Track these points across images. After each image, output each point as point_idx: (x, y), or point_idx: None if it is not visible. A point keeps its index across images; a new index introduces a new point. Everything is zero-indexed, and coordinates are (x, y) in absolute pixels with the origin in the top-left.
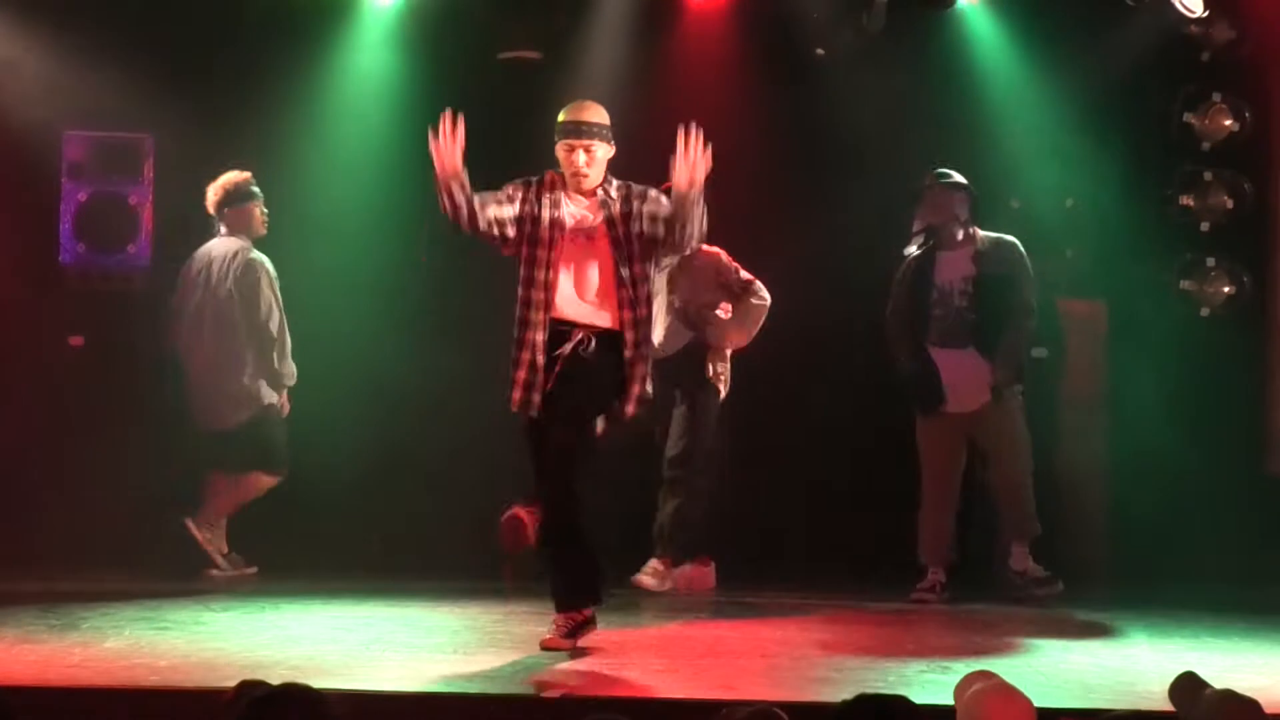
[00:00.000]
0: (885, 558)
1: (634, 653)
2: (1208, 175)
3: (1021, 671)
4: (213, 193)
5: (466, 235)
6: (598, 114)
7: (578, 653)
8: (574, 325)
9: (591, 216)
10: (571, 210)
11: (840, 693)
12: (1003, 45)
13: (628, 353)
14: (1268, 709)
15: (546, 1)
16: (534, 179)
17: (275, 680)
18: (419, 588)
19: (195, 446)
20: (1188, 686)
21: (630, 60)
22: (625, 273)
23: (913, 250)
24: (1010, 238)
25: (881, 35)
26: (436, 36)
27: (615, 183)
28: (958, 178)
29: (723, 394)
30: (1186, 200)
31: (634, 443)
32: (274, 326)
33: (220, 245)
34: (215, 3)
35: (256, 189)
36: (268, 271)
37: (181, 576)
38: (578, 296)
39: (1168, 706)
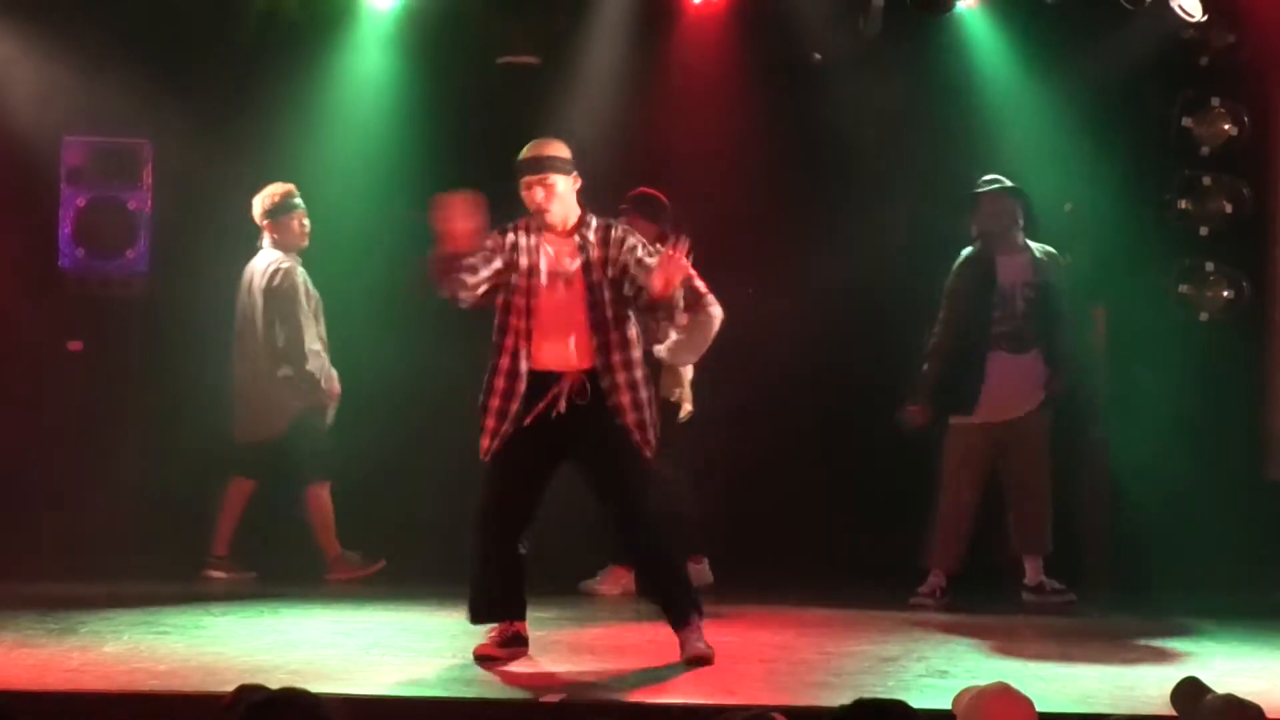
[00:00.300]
0: (885, 563)
1: (633, 657)
2: (1206, 180)
3: (1021, 676)
4: (257, 204)
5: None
6: (554, 148)
7: (577, 657)
8: (558, 374)
9: (569, 261)
10: (549, 253)
11: (839, 697)
12: (1001, 49)
13: (623, 397)
14: (1269, 713)
15: (545, 6)
16: (509, 226)
17: (274, 685)
18: (418, 592)
19: (231, 456)
20: (1189, 692)
21: (629, 64)
22: (607, 315)
23: (968, 252)
24: (1052, 248)
25: (879, 39)
26: (435, 41)
27: (594, 223)
28: (1010, 183)
29: (684, 413)
30: (1185, 205)
31: None
32: (291, 337)
33: (259, 259)
34: (214, 7)
35: (297, 201)
36: (295, 282)
37: (180, 580)
38: (559, 343)
39: (1168, 711)
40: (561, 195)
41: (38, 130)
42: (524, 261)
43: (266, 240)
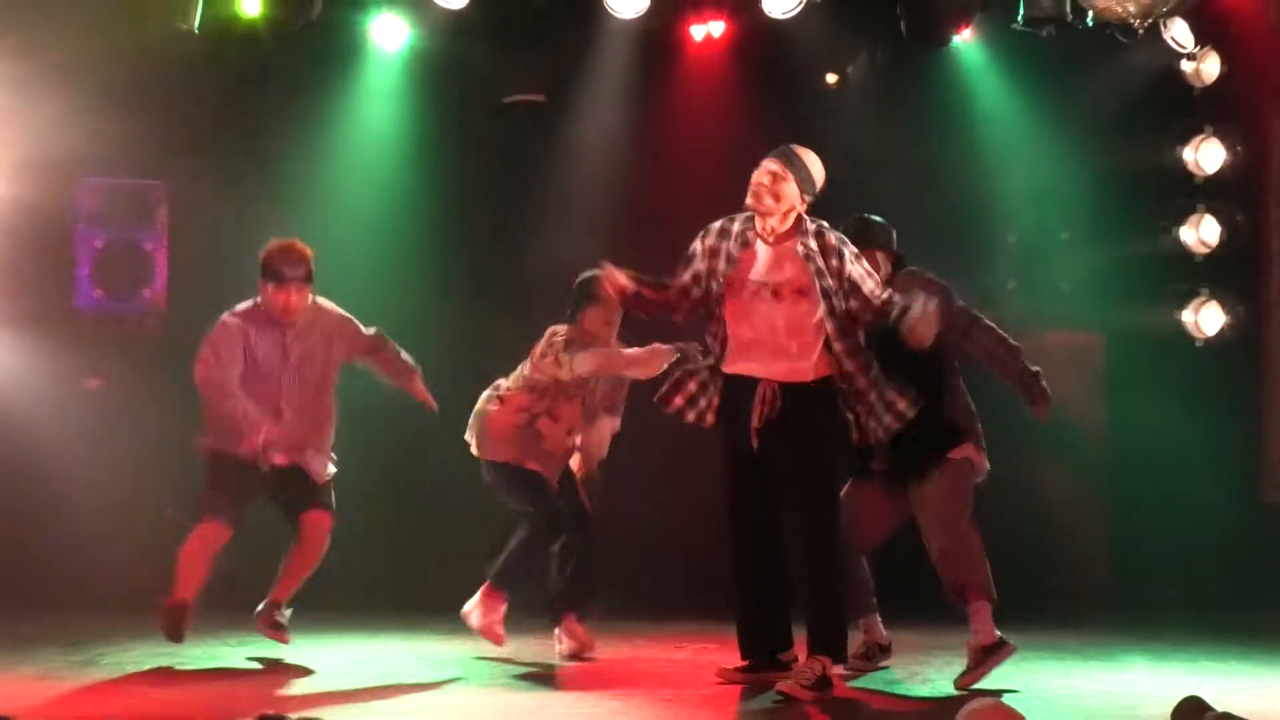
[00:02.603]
0: (893, 587)
1: (644, 684)
2: (1201, 207)
3: (1023, 696)
4: None
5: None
6: (804, 154)
7: (586, 681)
8: (758, 379)
9: (788, 268)
10: (764, 260)
11: (840, 718)
12: (997, 81)
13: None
14: None
15: (550, 45)
16: (718, 224)
17: (292, 714)
18: (430, 622)
19: None
20: (1190, 710)
21: (633, 100)
22: (832, 325)
23: None
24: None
25: (883, 71)
26: (443, 81)
27: (812, 230)
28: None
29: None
30: (1180, 232)
31: None
32: None
33: None
34: (226, 51)
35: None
36: None
37: (197, 611)
38: (762, 350)
39: None
40: (782, 192)
41: (53, 174)
42: (722, 266)
43: None
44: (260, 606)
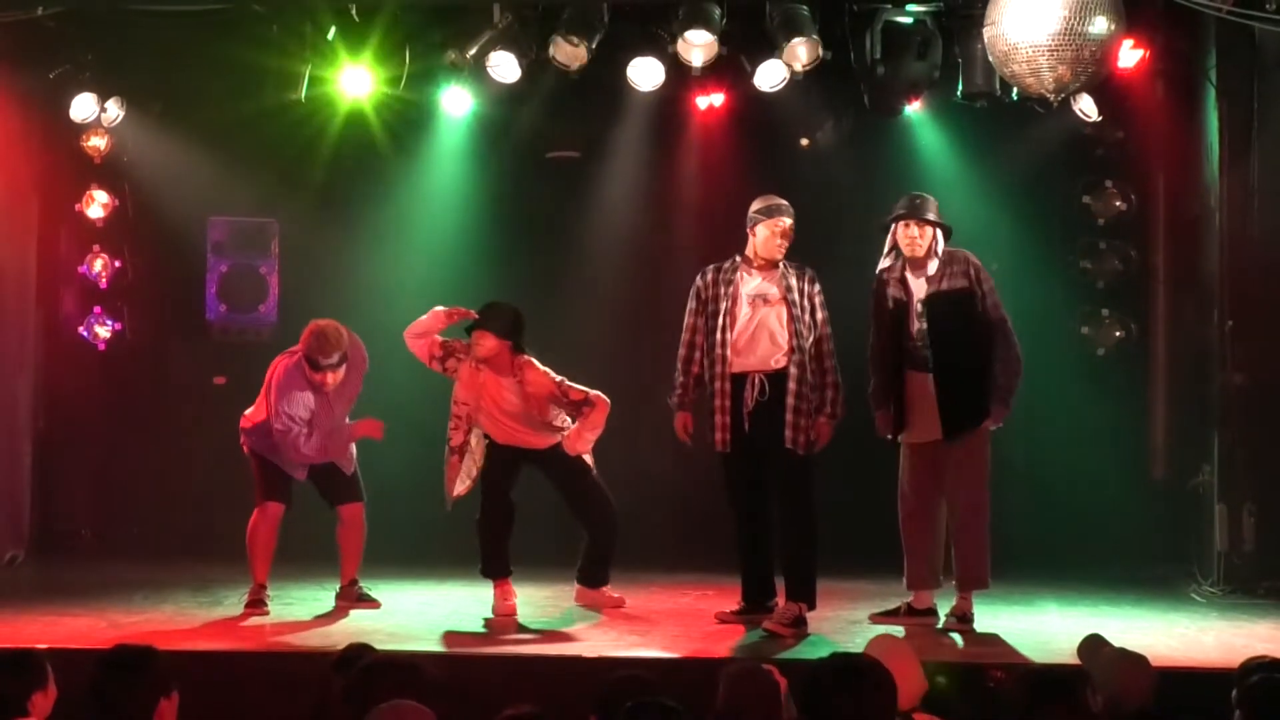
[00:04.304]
0: (857, 544)
1: (657, 622)
2: (1102, 244)
3: (960, 633)
4: None
5: None
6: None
7: (613, 622)
8: (751, 373)
9: (770, 285)
10: (749, 280)
11: (817, 651)
12: (941, 143)
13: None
14: (1154, 662)
15: (584, 110)
16: (717, 265)
17: (376, 644)
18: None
19: None
20: (1092, 645)
21: (651, 156)
22: (797, 325)
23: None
24: (963, 252)
25: (849, 134)
26: (499, 139)
27: (784, 264)
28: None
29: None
30: (1085, 264)
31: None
32: None
33: None
34: (327, 116)
35: None
36: None
37: (298, 562)
38: (755, 350)
39: (1074, 661)
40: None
41: (189, 213)
42: (723, 290)
43: None
44: (339, 589)
